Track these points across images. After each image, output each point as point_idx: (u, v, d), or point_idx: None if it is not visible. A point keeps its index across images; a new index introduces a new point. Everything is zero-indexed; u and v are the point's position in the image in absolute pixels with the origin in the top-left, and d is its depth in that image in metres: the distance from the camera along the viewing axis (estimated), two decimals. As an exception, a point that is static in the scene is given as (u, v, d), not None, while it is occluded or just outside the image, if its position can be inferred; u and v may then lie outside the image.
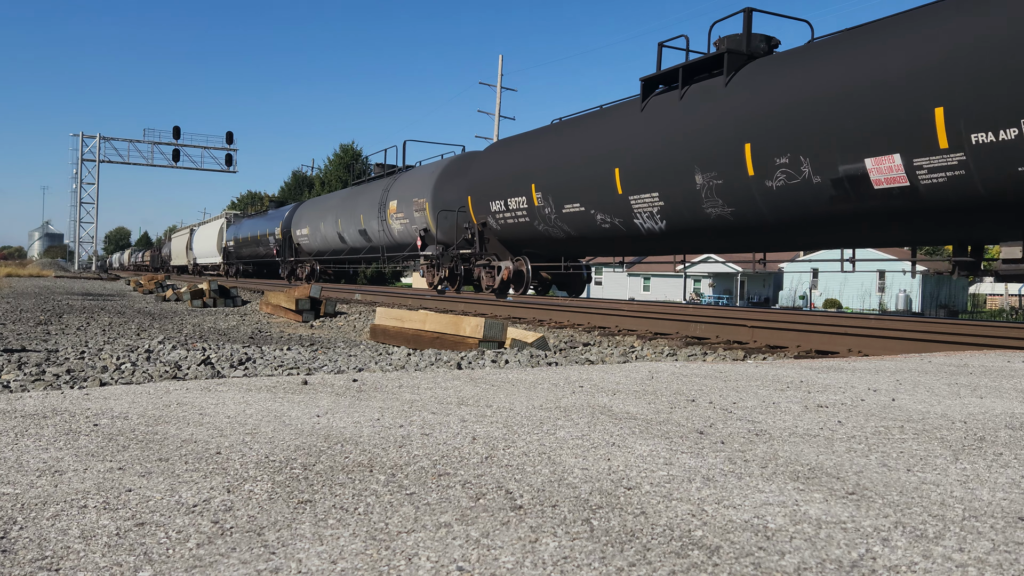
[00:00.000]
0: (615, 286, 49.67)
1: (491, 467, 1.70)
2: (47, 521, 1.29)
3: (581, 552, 1.19)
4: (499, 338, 7.12)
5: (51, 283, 27.85)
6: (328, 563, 1.13)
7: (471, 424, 2.19)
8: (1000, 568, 1.16)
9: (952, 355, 4.79)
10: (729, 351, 7.32)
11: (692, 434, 2.11)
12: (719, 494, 1.52)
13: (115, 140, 55.55)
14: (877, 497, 1.53)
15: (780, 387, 3.11)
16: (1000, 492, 1.59)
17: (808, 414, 2.48)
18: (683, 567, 1.13)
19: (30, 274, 38.17)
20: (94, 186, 56.04)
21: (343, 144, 54.86)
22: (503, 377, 3.24)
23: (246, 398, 2.57)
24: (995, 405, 2.75)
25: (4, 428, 2.02)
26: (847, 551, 1.22)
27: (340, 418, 2.24)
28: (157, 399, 2.51)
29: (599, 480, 1.61)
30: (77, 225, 57.24)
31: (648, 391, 2.91)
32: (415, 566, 1.12)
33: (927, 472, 1.74)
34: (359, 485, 1.54)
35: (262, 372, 5.16)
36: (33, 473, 1.59)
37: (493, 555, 1.17)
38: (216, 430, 2.04)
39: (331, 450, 1.83)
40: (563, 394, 2.79)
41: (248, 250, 36.42)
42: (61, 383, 4.37)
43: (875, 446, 2.01)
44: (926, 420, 2.41)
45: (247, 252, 36.74)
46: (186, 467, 1.65)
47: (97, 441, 1.88)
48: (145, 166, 59.89)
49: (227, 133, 56.66)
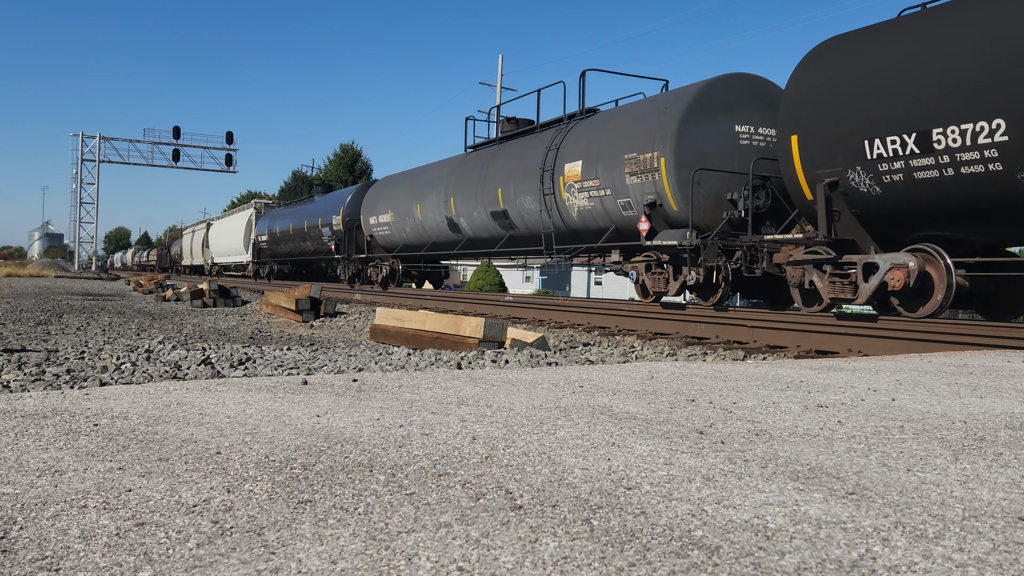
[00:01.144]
0: (615, 286, 49.61)
1: (491, 467, 1.70)
2: (47, 521, 1.29)
3: (581, 552, 1.19)
4: (499, 338, 7.12)
5: (51, 283, 27.85)
6: (328, 563, 1.13)
7: (471, 424, 2.19)
8: (1000, 568, 1.16)
9: (952, 355, 4.79)
10: (729, 351, 7.32)
11: (692, 434, 2.11)
12: (719, 494, 1.52)
13: (115, 140, 55.55)
14: (877, 497, 1.53)
15: (780, 387, 3.11)
16: (1000, 492, 1.59)
17: (808, 414, 2.48)
18: (683, 567, 1.13)
19: (30, 274, 38.18)
20: (94, 186, 56.03)
21: (343, 144, 54.79)
22: (503, 377, 3.24)
23: (246, 398, 2.57)
24: (995, 405, 2.75)
25: (4, 428, 2.02)
26: (847, 551, 1.22)
27: (340, 418, 2.24)
28: (157, 399, 2.51)
29: (599, 480, 1.61)
30: (77, 225, 57.24)
31: (648, 391, 2.91)
32: (415, 566, 1.12)
33: (927, 472, 1.74)
34: (359, 485, 1.54)
35: (262, 372, 5.16)
36: (33, 473, 1.59)
37: (493, 555, 1.17)
38: (216, 430, 2.04)
39: (331, 450, 1.83)
40: (563, 394, 2.79)
41: (288, 246, 29.96)
42: (61, 383, 4.37)
43: (875, 446, 2.01)
44: (926, 420, 2.41)
45: (286, 248, 30.37)
46: (186, 467, 1.65)
47: (97, 441, 1.88)
48: (145, 166, 59.84)
49: (227, 133, 56.64)
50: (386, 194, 20.50)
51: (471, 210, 15.71)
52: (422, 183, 18.33)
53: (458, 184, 16.31)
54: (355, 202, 23.16)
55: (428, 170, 18.63)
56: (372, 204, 21.16)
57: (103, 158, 55.36)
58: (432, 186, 17.58)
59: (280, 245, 31.05)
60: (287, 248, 30.22)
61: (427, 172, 18.56)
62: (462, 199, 16.02)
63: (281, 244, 30.87)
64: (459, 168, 16.66)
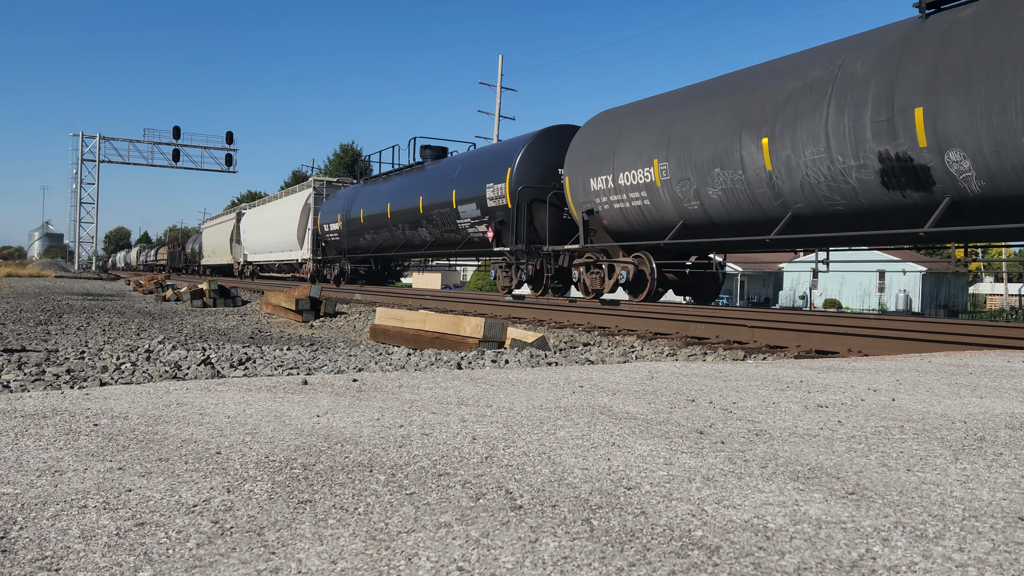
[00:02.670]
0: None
1: (491, 467, 1.70)
2: (47, 521, 1.29)
3: (581, 552, 1.19)
4: (499, 338, 7.12)
5: (51, 283, 27.85)
6: (328, 563, 1.13)
7: (471, 424, 2.19)
8: (1000, 568, 1.16)
9: (952, 355, 4.79)
10: (729, 351, 7.32)
11: (692, 434, 2.11)
12: (719, 494, 1.52)
13: (115, 140, 55.57)
14: (877, 497, 1.53)
15: (780, 387, 3.11)
16: (1000, 492, 1.59)
17: (808, 414, 2.48)
18: (683, 567, 1.13)
19: (30, 274, 38.17)
20: (94, 186, 56.05)
21: (343, 144, 54.80)
22: (503, 377, 3.24)
23: (246, 398, 2.57)
24: (995, 405, 2.75)
25: (4, 428, 2.02)
26: (847, 551, 1.22)
27: (340, 418, 2.24)
28: (157, 399, 2.51)
29: (599, 480, 1.61)
30: (77, 225, 57.26)
31: (648, 391, 2.91)
32: (415, 566, 1.12)
33: (927, 472, 1.74)
34: (359, 485, 1.54)
35: (262, 372, 5.16)
36: (33, 473, 1.59)
37: (493, 555, 1.17)
38: (216, 430, 2.04)
39: (331, 450, 1.83)
40: (563, 394, 2.79)
41: (379, 236, 21.30)
42: (61, 383, 4.37)
43: (875, 446, 2.01)
44: (926, 420, 2.41)
45: (375, 241, 21.68)
46: (186, 467, 1.65)
47: (97, 441, 1.88)
48: (145, 166, 59.83)
49: (227, 133, 56.70)
50: (629, 139, 11.95)
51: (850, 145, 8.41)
52: (709, 106, 10.47)
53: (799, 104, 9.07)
54: (541, 158, 14.74)
55: (722, 86, 10.64)
56: (602, 153, 12.43)
57: (103, 158, 55.38)
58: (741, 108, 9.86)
59: (364, 236, 22.17)
60: (377, 240, 21.53)
61: (728, 84, 10.55)
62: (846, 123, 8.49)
63: (366, 234, 22.00)
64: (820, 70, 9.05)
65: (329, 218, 24.93)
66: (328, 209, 25.30)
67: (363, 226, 22.21)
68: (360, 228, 22.45)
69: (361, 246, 22.80)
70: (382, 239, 21.32)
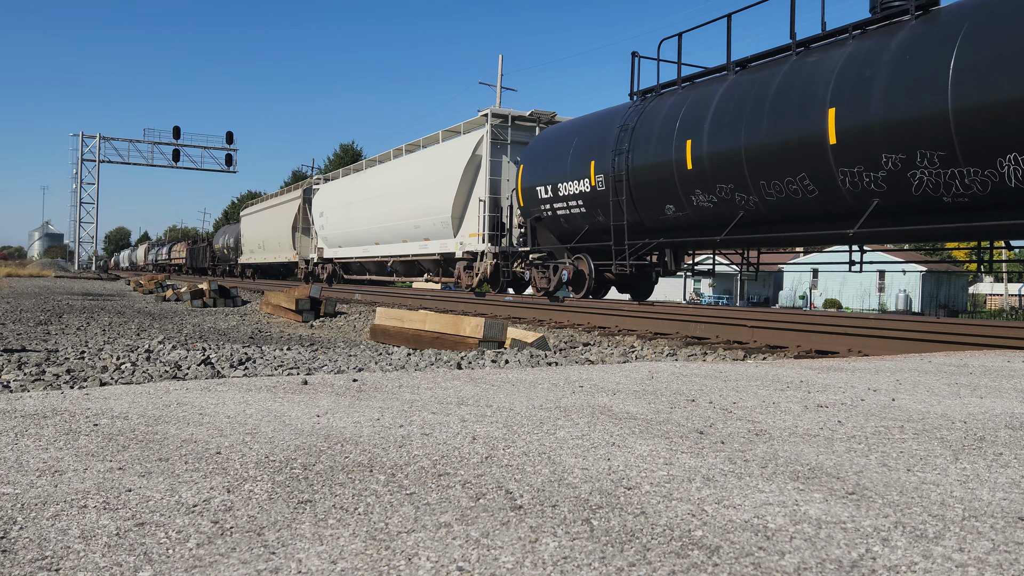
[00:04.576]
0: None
1: (491, 467, 1.70)
2: (47, 521, 1.29)
3: (581, 552, 1.19)
4: (499, 338, 7.12)
5: (51, 283, 27.85)
6: (328, 563, 1.13)
7: (471, 424, 2.19)
8: (1000, 568, 1.16)
9: (952, 355, 4.79)
10: (729, 351, 7.32)
11: (692, 434, 2.11)
12: (719, 494, 1.52)
13: (115, 140, 55.56)
14: (877, 497, 1.53)
15: (780, 387, 3.11)
16: (1000, 492, 1.59)
17: (808, 414, 2.48)
18: (683, 567, 1.13)
19: (30, 274, 38.18)
20: (94, 186, 56.03)
21: (343, 144, 54.78)
22: (503, 377, 3.24)
23: (246, 398, 2.57)
24: (995, 405, 2.75)
25: (4, 428, 2.02)
26: (847, 551, 1.22)
27: (340, 418, 2.24)
28: (157, 399, 2.51)
29: (599, 480, 1.61)
30: (77, 225, 57.23)
31: (648, 391, 2.91)
32: (415, 566, 1.12)
33: (927, 472, 1.74)
34: (359, 485, 1.54)
35: (262, 372, 5.16)
36: (33, 473, 1.59)
37: (493, 555, 1.17)
38: (216, 430, 2.04)
39: (331, 450, 1.83)
40: (563, 394, 2.79)
41: (726, 209, 9.86)
42: (61, 383, 4.37)
43: (875, 446, 2.01)
44: (926, 420, 2.41)
45: (719, 212, 10.04)
46: (186, 467, 1.65)
47: (97, 441, 1.88)
48: (145, 166, 59.80)
49: (227, 133, 56.66)
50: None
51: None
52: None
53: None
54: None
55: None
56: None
57: (103, 158, 55.37)
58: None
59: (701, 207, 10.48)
60: (720, 210, 10.12)
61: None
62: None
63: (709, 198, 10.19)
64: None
65: (538, 179, 13.95)
66: (535, 166, 14.14)
67: (648, 176, 11.39)
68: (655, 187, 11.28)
69: (690, 221, 11.02)
70: (723, 210, 10.56)
